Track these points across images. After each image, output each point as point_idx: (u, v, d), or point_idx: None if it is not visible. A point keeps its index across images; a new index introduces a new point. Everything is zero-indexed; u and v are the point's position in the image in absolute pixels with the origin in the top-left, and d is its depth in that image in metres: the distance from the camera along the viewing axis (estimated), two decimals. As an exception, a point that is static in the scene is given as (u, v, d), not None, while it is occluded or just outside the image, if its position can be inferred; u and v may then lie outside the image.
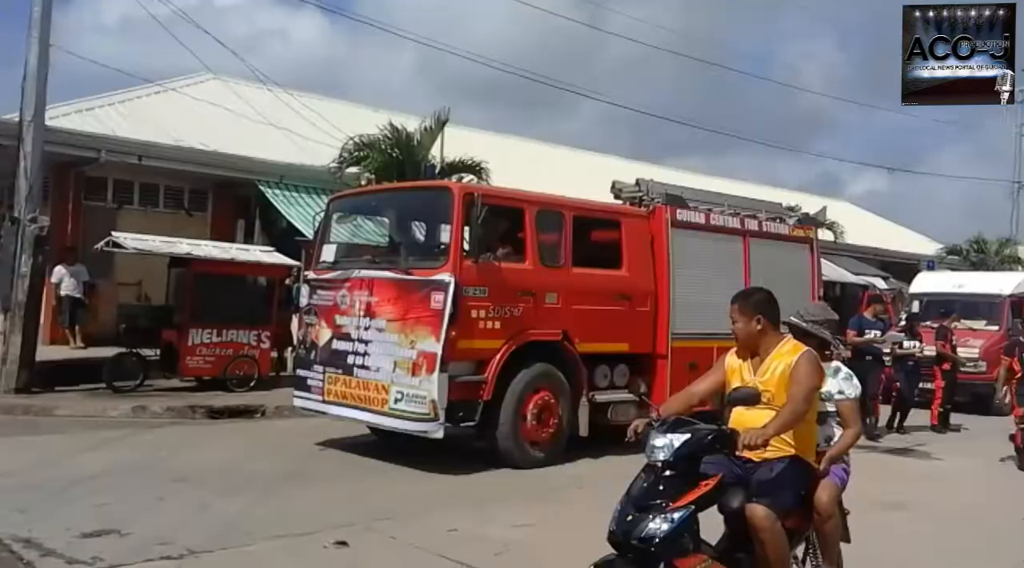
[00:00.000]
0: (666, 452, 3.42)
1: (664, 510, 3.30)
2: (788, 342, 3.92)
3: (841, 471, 4.00)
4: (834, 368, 4.11)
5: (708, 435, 3.50)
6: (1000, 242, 28.50)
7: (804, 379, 3.69)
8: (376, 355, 7.73)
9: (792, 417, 3.60)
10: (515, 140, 24.47)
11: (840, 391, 4.04)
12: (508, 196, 8.38)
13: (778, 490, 3.60)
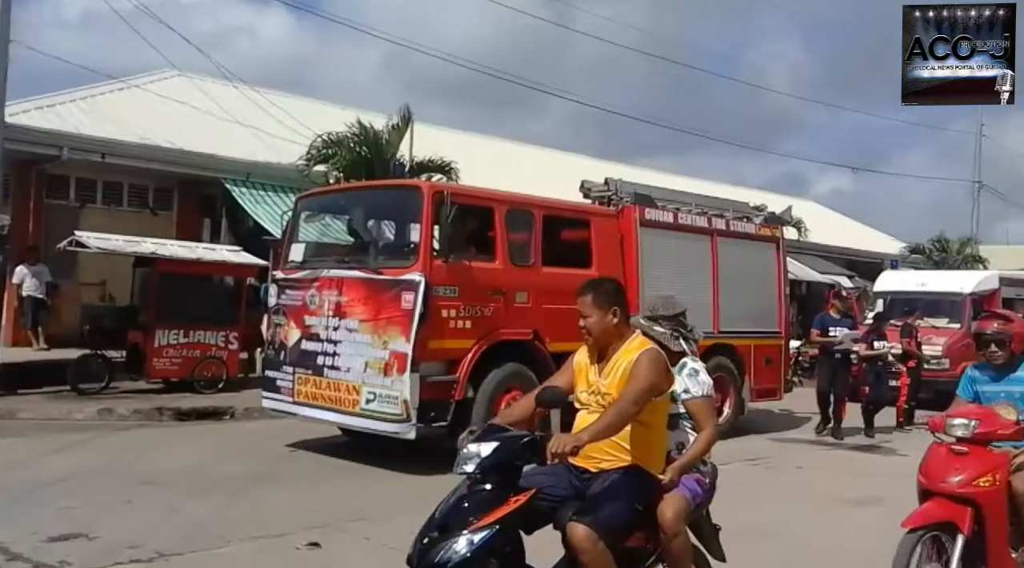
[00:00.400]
0: (473, 464, 3.06)
1: (465, 531, 2.92)
2: (636, 338, 3.52)
3: (694, 483, 3.58)
4: (680, 364, 3.71)
5: (519, 443, 3.11)
6: (961, 241, 29.14)
7: (639, 378, 3.29)
8: (346, 355, 7.69)
9: (616, 420, 3.22)
10: (484, 139, 24.46)
11: (686, 390, 3.65)
12: (478, 195, 8.39)
13: (604, 505, 3.19)
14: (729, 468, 8.46)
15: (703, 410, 3.65)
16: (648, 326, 3.76)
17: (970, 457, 4.04)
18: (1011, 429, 4.03)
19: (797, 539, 5.91)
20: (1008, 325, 4.49)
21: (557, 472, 3.37)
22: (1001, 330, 4.46)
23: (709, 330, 9.94)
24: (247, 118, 15.71)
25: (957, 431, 4.07)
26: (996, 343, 4.45)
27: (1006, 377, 4.51)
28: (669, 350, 3.65)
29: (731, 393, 10.30)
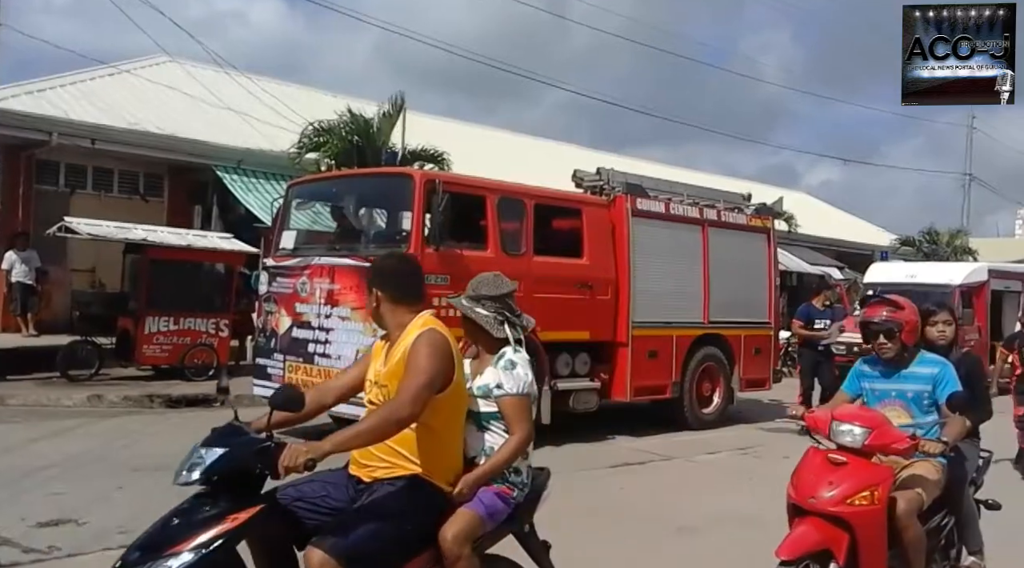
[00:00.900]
0: (198, 470, 2.59)
1: (167, 553, 2.45)
2: (420, 318, 3.00)
3: (494, 497, 3.01)
4: (499, 354, 3.19)
5: (251, 449, 2.68)
6: (951, 233, 29.28)
7: (414, 370, 2.78)
8: (338, 343, 7.70)
9: (379, 424, 2.72)
10: (476, 128, 24.42)
11: (499, 385, 3.09)
12: (470, 184, 8.39)
13: (357, 526, 2.69)
14: (718, 457, 8.57)
15: (515, 410, 3.07)
16: (470, 307, 3.24)
17: (849, 469, 3.48)
18: (905, 445, 3.49)
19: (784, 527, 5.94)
20: (898, 313, 3.90)
21: (336, 480, 2.95)
22: (890, 319, 3.90)
23: (699, 320, 10.00)
24: (239, 105, 15.63)
25: (843, 438, 3.54)
26: (884, 334, 3.88)
27: (897, 373, 3.95)
28: (491, 337, 3.20)
29: (720, 383, 10.35)
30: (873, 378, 4.04)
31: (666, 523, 5.89)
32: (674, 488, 7.20)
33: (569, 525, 5.79)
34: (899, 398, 3.93)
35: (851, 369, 4.19)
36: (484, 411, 3.10)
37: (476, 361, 3.26)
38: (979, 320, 15.09)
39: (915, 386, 3.91)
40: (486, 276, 3.35)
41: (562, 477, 7.30)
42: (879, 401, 3.97)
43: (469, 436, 3.11)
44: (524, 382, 3.12)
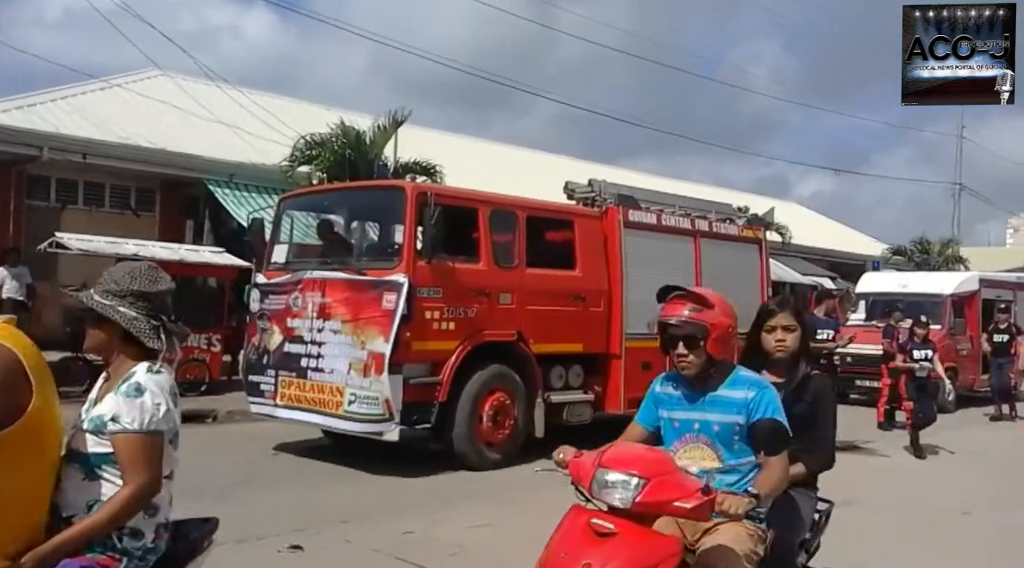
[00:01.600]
0: None
1: None
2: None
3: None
4: (127, 374, 2.40)
5: None
6: (942, 243, 29.43)
7: None
8: (330, 357, 7.66)
9: None
10: (468, 140, 24.47)
11: (115, 417, 2.32)
12: (462, 196, 8.38)
13: None
14: (712, 469, 8.54)
15: (132, 452, 2.27)
16: (111, 305, 2.41)
17: (617, 542, 2.43)
18: (694, 501, 2.42)
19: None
20: (703, 313, 2.84)
21: None
22: (692, 319, 2.83)
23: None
24: (231, 118, 15.63)
25: (610, 496, 2.50)
26: (684, 341, 2.83)
27: (703, 397, 2.87)
28: (137, 349, 2.42)
29: (714, 394, 10.33)
30: (672, 404, 2.97)
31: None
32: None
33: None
34: (703, 432, 2.86)
35: (647, 392, 3.12)
36: (94, 452, 2.31)
37: (105, 383, 2.48)
38: (971, 329, 15.13)
39: (722, 416, 2.83)
40: (135, 266, 2.52)
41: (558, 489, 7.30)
42: (678, 436, 2.92)
43: (71, 486, 2.30)
44: (151, 415, 2.31)
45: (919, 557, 5.67)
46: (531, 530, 5.01)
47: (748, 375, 2.95)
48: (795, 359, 3.33)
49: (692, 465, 2.80)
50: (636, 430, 3.11)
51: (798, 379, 3.28)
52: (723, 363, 2.91)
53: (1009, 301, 16.15)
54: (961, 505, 7.08)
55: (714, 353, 2.84)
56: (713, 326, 2.84)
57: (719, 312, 2.91)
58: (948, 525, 6.54)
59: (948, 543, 6.03)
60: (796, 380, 3.26)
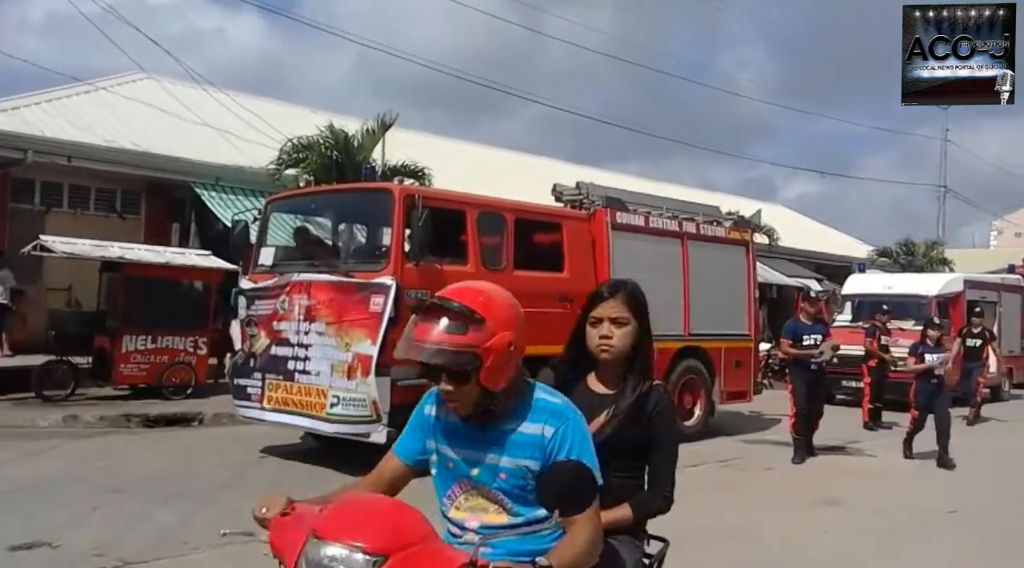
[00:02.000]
0: None
1: None
2: None
3: None
4: None
5: None
6: (927, 244, 29.65)
7: None
8: (316, 359, 7.63)
9: None
10: (456, 143, 24.46)
11: None
12: (449, 198, 8.38)
13: None
14: (700, 470, 8.57)
15: None
16: None
17: None
18: None
19: (768, 540, 5.96)
20: (469, 334, 1.95)
21: None
22: (454, 344, 1.95)
23: (680, 332, 10.03)
24: (216, 121, 15.56)
25: None
26: (449, 375, 2.00)
27: (485, 433, 2.05)
28: None
29: (701, 395, 10.37)
30: (447, 434, 2.14)
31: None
32: (657, 501, 7.17)
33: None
34: (483, 480, 2.06)
35: (413, 411, 2.27)
36: None
37: None
38: (954, 330, 15.25)
39: (511, 460, 2.02)
40: None
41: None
42: (454, 481, 2.13)
43: None
44: None
45: (905, 556, 5.70)
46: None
47: (549, 401, 2.10)
48: (627, 364, 2.47)
49: (472, 520, 2.08)
50: (392, 464, 2.29)
51: (632, 393, 2.41)
52: (513, 386, 2.05)
53: (994, 303, 16.31)
54: (947, 505, 7.12)
55: (491, 385, 1.98)
56: (487, 350, 1.95)
57: (495, 325, 1.98)
58: (934, 525, 6.58)
59: (934, 542, 6.07)
60: (628, 394, 2.40)
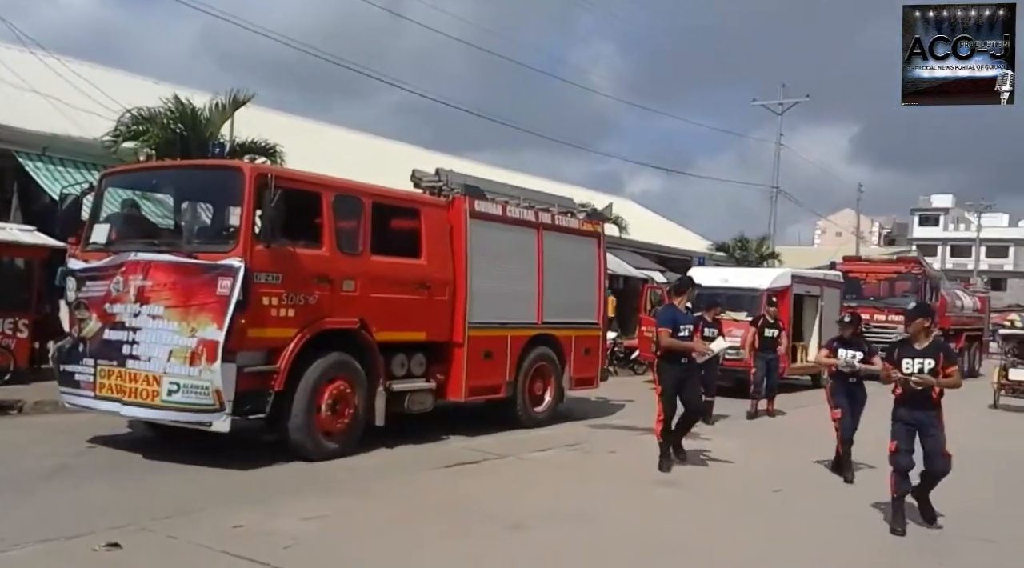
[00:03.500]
0: None
1: None
2: None
3: None
4: None
5: None
6: (759, 241, 31.72)
7: None
8: (155, 344, 7.19)
9: None
10: (308, 122, 23.71)
11: None
12: (304, 180, 8.11)
13: None
14: (548, 454, 8.78)
15: None
16: None
17: None
18: None
19: (612, 519, 6.20)
20: None
21: None
22: None
23: (534, 320, 10.22)
24: (45, 87, 14.33)
25: None
26: None
27: None
28: None
29: (552, 382, 10.63)
30: None
31: (499, 520, 5.96)
32: (507, 486, 7.31)
33: (405, 525, 5.74)
34: None
35: None
36: None
37: None
38: (783, 321, 16.37)
39: None
40: None
41: (397, 478, 7.26)
42: None
43: None
44: None
45: (737, 534, 6.08)
46: (370, 519, 4.97)
47: None
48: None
49: None
50: None
51: None
52: None
53: (816, 297, 17.62)
54: (774, 484, 7.64)
55: None
56: None
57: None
58: (763, 504, 7.06)
59: (764, 520, 6.51)
60: None
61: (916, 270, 21.78)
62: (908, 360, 6.25)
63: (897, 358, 6.34)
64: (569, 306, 10.77)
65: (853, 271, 21.68)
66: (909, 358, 6.26)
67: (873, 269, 22.59)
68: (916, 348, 6.27)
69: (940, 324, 21.38)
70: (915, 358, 6.22)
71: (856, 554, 5.76)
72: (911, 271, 21.75)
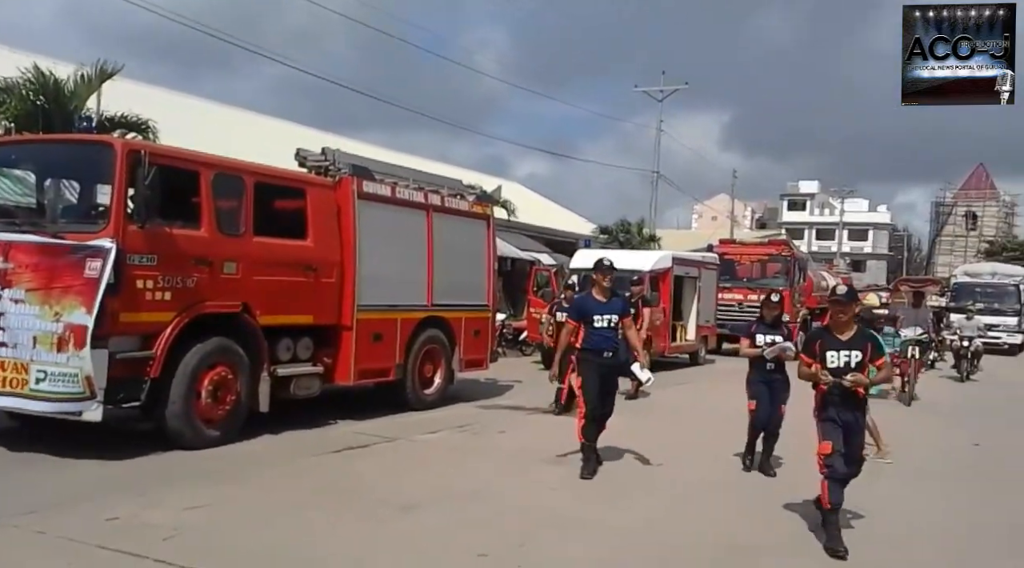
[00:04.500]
0: None
1: None
2: None
3: None
4: None
5: None
6: (639, 225, 32.69)
7: None
8: (14, 330, 6.74)
9: None
10: (181, 96, 22.65)
11: None
12: (181, 157, 7.75)
13: None
14: (439, 436, 8.81)
15: None
16: None
17: None
18: None
19: (500, 498, 6.29)
20: None
21: None
22: None
23: (423, 303, 10.18)
24: None
25: None
26: None
27: None
28: None
29: (442, 364, 10.63)
30: None
31: (389, 502, 5.94)
32: (397, 468, 7.28)
33: (292, 511, 5.63)
34: None
35: None
36: None
37: None
38: (664, 302, 16.95)
39: None
40: None
41: (283, 464, 7.11)
42: None
43: None
44: None
45: (621, 507, 6.28)
46: (255, 507, 4.86)
47: None
48: None
49: None
50: None
51: None
52: None
53: (695, 278, 18.32)
54: (655, 459, 7.91)
55: None
56: None
57: None
58: (644, 478, 7.31)
59: (646, 494, 6.76)
60: None
61: (786, 252, 22.96)
62: (833, 353, 5.43)
63: (820, 350, 5.49)
64: (459, 288, 10.79)
65: (728, 253, 22.65)
66: (834, 350, 5.43)
67: (746, 251, 23.66)
68: (841, 339, 5.44)
69: (807, 303, 22.83)
70: (840, 350, 5.41)
71: (733, 524, 6.06)
72: (781, 253, 22.91)
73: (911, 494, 7.09)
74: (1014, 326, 27.23)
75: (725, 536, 5.59)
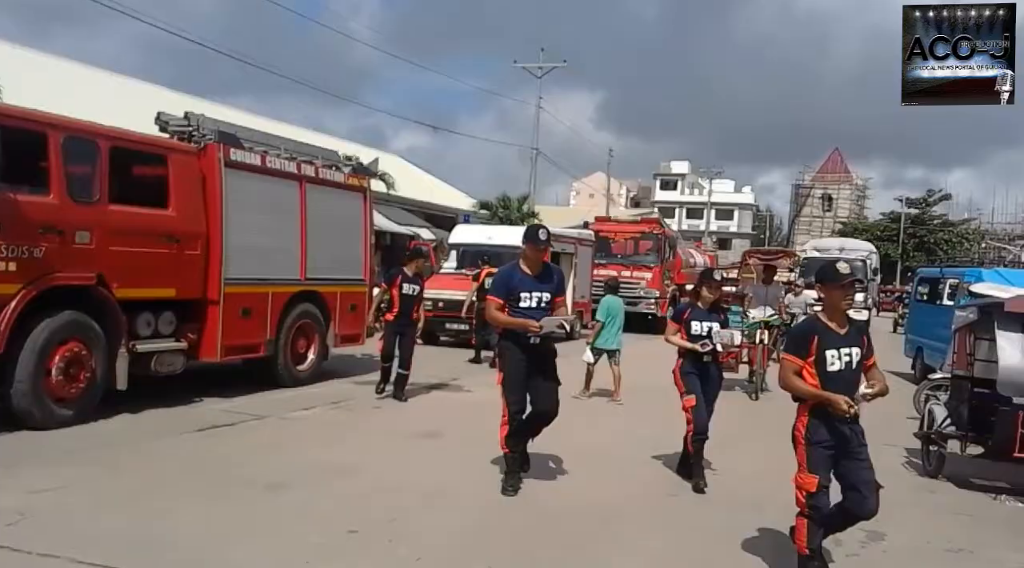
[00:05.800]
0: None
1: None
2: None
3: None
4: None
5: None
6: (520, 200, 32.95)
7: None
8: None
9: None
10: (26, 51, 21.00)
11: None
12: (27, 117, 7.17)
13: None
14: (312, 413, 8.64)
15: None
16: None
17: None
18: None
19: (373, 474, 6.24)
20: None
21: None
22: None
23: (296, 277, 9.91)
24: None
25: None
26: None
27: None
28: None
29: (316, 339, 10.41)
30: None
31: (256, 482, 5.78)
32: (266, 447, 7.09)
33: (151, 492, 5.39)
34: None
35: None
36: None
37: None
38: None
39: None
40: None
41: (142, 444, 6.80)
42: None
43: None
44: None
45: (491, 479, 6.36)
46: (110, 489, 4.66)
47: None
48: None
49: None
50: None
51: None
52: None
53: (571, 254, 18.69)
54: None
55: None
56: None
57: None
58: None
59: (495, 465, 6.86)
60: None
61: (657, 230, 23.73)
62: (833, 352, 4.29)
63: (818, 350, 4.28)
64: (334, 262, 10.56)
65: (603, 230, 23.20)
66: (834, 349, 4.29)
67: (620, 229, 24.29)
68: (840, 334, 4.32)
69: (676, 280, 23.73)
70: (841, 348, 4.29)
71: (605, 488, 6.24)
72: (653, 231, 23.66)
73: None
74: (860, 302, 29.10)
75: (598, 500, 5.76)
